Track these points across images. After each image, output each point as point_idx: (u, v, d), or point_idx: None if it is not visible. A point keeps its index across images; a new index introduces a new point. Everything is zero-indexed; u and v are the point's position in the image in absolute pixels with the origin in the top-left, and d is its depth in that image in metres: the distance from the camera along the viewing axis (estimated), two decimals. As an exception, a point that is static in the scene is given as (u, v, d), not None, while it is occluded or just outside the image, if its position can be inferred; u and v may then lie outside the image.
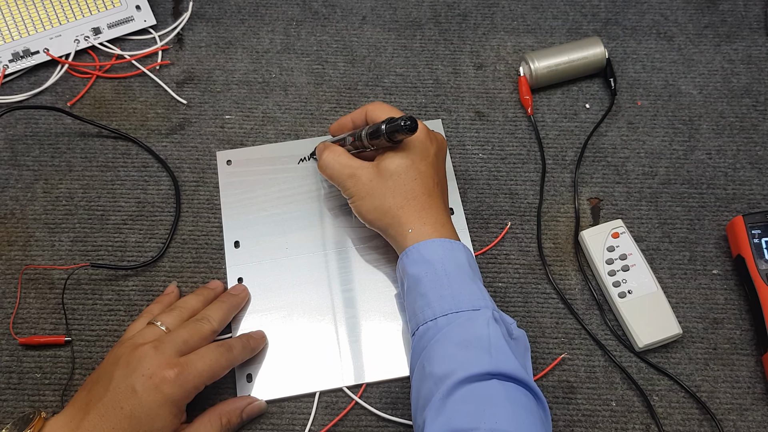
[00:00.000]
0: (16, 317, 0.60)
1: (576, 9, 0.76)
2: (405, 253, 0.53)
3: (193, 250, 0.63)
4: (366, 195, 0.54)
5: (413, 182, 0.53)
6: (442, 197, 0.56)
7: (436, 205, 0.54)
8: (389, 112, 0.56)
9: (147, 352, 0.50)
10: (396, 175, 0.53)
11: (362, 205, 0.55)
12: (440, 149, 0.57)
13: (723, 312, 0.61)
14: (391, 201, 0.53)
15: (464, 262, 0.52)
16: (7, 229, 0.64)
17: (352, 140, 0.57)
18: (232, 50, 0.73)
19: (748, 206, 0.66)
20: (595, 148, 0.69)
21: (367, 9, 0.76)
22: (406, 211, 0.53)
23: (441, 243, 0.52)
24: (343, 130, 0.60)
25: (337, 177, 0.56)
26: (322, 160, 0.57)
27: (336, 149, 0.57)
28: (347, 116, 0.60)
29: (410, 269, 0.52)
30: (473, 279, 0.52)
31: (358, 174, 0.55)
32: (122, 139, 0.68)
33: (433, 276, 0.51)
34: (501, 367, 0.46)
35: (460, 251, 0.52)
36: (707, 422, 0.57)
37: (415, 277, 0.51)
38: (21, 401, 0.57)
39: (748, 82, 0.72)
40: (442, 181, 0.57)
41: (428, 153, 0.55)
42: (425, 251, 0.52)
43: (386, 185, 0.54)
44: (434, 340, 0.49)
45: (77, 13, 0.72)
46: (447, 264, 0.51)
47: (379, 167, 0.54)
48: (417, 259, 0.52)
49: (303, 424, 0.56)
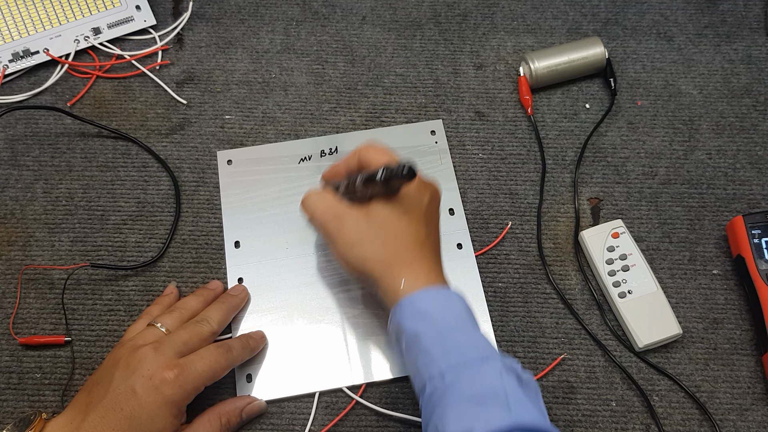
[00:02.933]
0: (16, 317, 0.60)
1: (576, 9, 0.76)
2: (398, 306, 0.48)
3: (193, 250, 0.63)
4: (353, 243, 0.50)
5: (404, 232, 0.50)
6: (434, 247, 0.53)
7: (428, 256, 0.51)
8: (382, 154, 0.52)
9: (147, 354, 0.50)
10: (386, 224, 0.50)
11: (349, 254, 0.51)
12: (433, 198, 0.53)
13: (723, 312, 0.61)
14: (381, 252, 0.50)
15: (462, 311, 0.49)
16: (7, 229, 0.64)
17: (346, 185, 0.52)
18: (232, 50, 0.73)
19: (748, 206, 0.66)
20: (595, 148, 0.69)
21: (367, 9, 0.76)
22: (397, 263, 0.49)
23: (436, 293, 0.49)
24: (336, 177, 0.55)
25: (319, 217, 0.52)
26: (305, 198, 0.53)
27: (323, 190, 0.53)
28: (340, 163, 0.55)
29: (407, 324, 0.48)
30: (473, 328, 0.48)
31: (344, 218, 0.51)
32: (122, 139, 0.68)
33: (433, 330, 0.47)
34: (522, 419, 0.43)
35: (456, 300, 0.49)
36: (707, 422, 0.57)
37: (413, 333, 0.47)
38: (21, 401, 0.57)
39: (748, 82, 0.72)
40: (434, 230, 0.53)
41: (421, 202, 0.51)
42: (420, 304, 0.48)
43: (376, 234, 0.50)
44: (445, 398, 0.45)
45: (77, 13, 0.72)
46: (446, 315, 0.48)
47: (368, 215, 0.50)
48: (412, 313, 0.48)
49: (303, 424, 0.56)
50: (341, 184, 0.53)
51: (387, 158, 0.51)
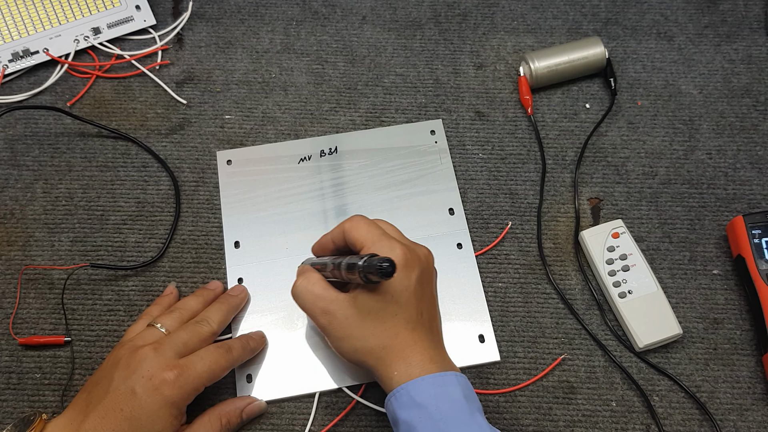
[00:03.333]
0: (15, 317, 0.60)
1: (576, 9, 0.76)
2: (393, 394, 0.47)
3: (193, 250, 0.63)
4: (344, 336, 0.49)
5: (393, 319, 0.48)
6: (428, 325, 0.50)
7: (422, 339, 0.49)
8: (367, 232, 0.49)
9: (147, 354, 0.50)
10: (374, 313, 0.48)
11: (341, 347, 0.50)
12: (423, 271, 0.50)
13: (723, 312, 0.61)
14: (372, 342, 0.48)
15: (459, 397, 0.47)
16: (6, 229, 0.64)
17: (332, 268, 0.50)
18: (232, 50, 0.73)
19: (748, 206, 0.66)
20: (595, 148, 0.69)
21: (367, 9, 0.76)
22: (389, 352, 0.48)
23: (432, 381, 0.46)
24: (324, 252, 0.54)
25: (309, 310, 0.50)
26: (294, 287, 0.51)
27: (311, 276, 0.51)
28: (327, 235, 0.53)
29: (401, 414, 0.46)
30: (471, 414, 0.46)
31: (333, 310, 0.49)
32: (122, 139, 0.68)
33: (428, 421, 0.45)
34: None
35: (453, 385, 0.47)
36: (707, 422, 0.57)
37: (407, 424, 0.46)
38: (21, 401, 0.57)
39: (748, 82, 0.72)
40: (427, 306, 0.50)
41: (409, 283, 0.48)
42: (415, 393, 0.46)
43: (364, 325, 0.48)
44: None
45: (77, 13, 0.72)
46: (441, 405, 0.46)
47: (355, 304, 0.48)
48: (407, 403, 0.46)
49: (303, 424, 0.56)
50: (327, 264, 0.51)
51: (371, 236, 0.49)
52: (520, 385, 0.58)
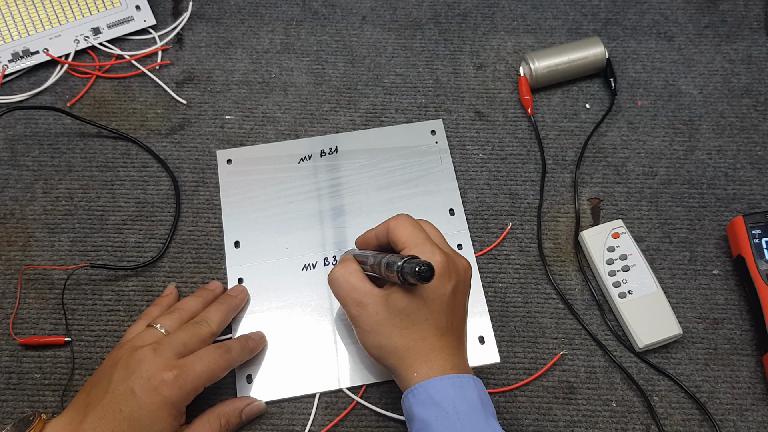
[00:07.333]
0: (15, 317, 0.60)
1: (576, 9, 0.76)
2: (411, 391, 0.48)
3: (193, 250, 0.63)
4: (371, 330, 0.50)
5: (423, 323, 0.49)
6: (456, 334, 0.51)
7: (449, 345, 0.49)
8: (411, 234, 0.50)
9: (146, 355, 0.50)
10: (404, 314, 0.48)
11: (366, 340, 0.51)
12: (460, 282, 0.50)
13: (723, 312, 0.61)
14: (398, 341, 0.49)
15: (475, 400, 0.47)
16: (6, 229, 0.64)
17: (372, 262, 0.51)
18: (232, 50, 0.73)
19: (748, 206, 0.66)
20: (595, 148, 0.69)
21: (367, 9, 0.76)
22: (413, 353, 0.49)
23: (451, 381, 0.47)
24: (367, 246, 0.55)
25: (342, 298, 0.51)
26: (332, 274, 0.52)
27: (350, 266, 0.52)
28: (371, 231, 0.54)
29: (417, 411, 0.47)
30: (486, 417, 0.47)
31: (365, 302, 0.49)
32: (122, 139, 0.68)
33: (444, 420, 0.46)
34: None
35: (471, 388, 0.48)
36: (707, 422, 0.57)
37: (423, 421, 0.47)
38: (21, 402, 0.57)
39: (748, 82, 0.72)
40: (458, 318, 0.51)
41: (444, 291, 0.49)
42: (433, 391, 0.47)
43: (393, 323, 0.49)
44: None
45: (77, 13, 0.72)
46: (458, 405, 0.46)
47: (388, 301, 0.49)
48: (425, 400, 0.47)
49: (303, 424, 0.56)
50: (368, 257, 0.52)
51: (414, 239, 0.50)
52: (519, 383, 0.58)
